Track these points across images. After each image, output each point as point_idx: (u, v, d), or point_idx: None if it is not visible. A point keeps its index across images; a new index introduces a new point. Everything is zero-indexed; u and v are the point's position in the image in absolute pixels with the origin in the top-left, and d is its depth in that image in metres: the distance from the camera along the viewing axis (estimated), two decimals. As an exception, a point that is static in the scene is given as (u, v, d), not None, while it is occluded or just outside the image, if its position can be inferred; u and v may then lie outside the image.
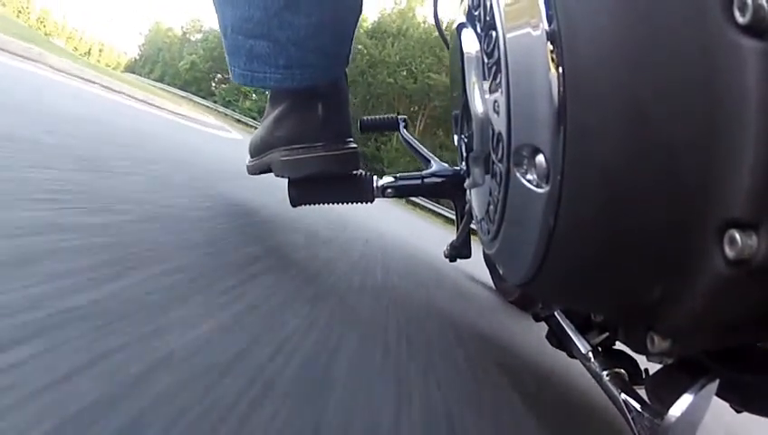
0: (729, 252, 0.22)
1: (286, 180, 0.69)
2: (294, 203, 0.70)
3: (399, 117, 0.98)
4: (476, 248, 0.80)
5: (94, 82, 3.18)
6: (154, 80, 27.77)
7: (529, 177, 0.31)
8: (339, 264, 0.65)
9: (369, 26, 20.52)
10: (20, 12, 48.97)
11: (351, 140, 0.67)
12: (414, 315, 0.56)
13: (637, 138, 0.24)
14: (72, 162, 0.54)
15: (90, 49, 65.92)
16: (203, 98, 21.02)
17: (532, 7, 0.29)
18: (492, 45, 0.35)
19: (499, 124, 0.34)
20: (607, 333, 0.44)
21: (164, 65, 33.72)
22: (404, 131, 0.97)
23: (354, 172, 0.69)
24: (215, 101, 21.57)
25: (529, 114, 0.30)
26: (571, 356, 0.48)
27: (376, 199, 0.71)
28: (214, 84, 28.70)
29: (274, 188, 0.83)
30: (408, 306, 0.60)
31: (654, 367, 0.35)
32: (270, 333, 0.31)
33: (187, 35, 38.11)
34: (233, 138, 3.87)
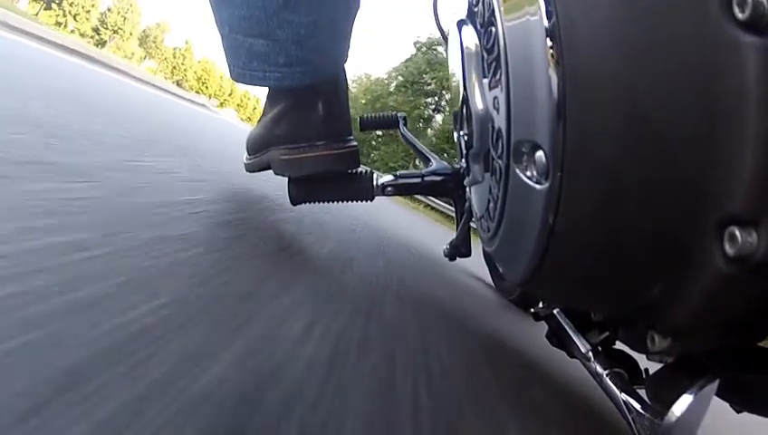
0: (729, 249, 0.22)
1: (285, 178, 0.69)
2: (294, 201, 0.70)
3: (399, 114, 0.98)
4: (476, 248, 0.80)
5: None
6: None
7: (529, 173, 0.30)
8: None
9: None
10: (174, 69, 40.19)
11: (352, 138, 0.67)
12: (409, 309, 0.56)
13: (636, 134, 0.24)
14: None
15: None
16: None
17: (531, 4, 0.28)
18: (491, 42, 0.35)
19: (499, 121, 0.34)
20: (607, 333, 0.44)
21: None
22: (404, 129, 0.97)
23: (354, 170, 0.69)
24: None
25: (528, 111, 0.29)
26: (571, 356, 0.48)
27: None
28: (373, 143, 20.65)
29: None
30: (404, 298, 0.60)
31: (654, 367, 0.35)
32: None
33: (350, 91, 31.83)
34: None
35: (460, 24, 0.41)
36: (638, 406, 0.34)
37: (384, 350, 0.38)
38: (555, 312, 0.51)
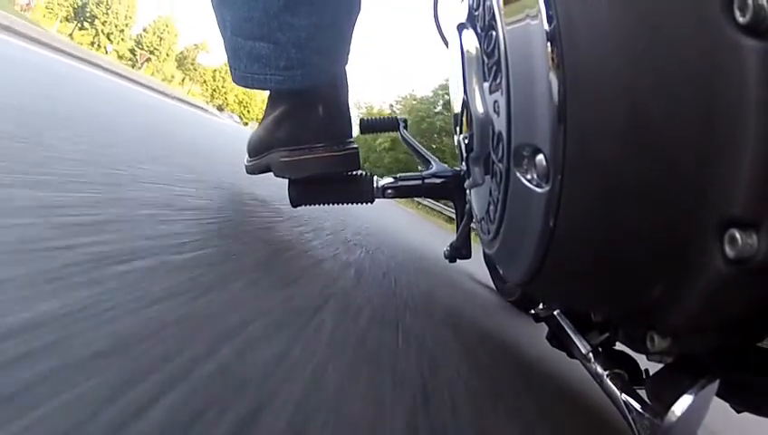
0: (729, 251, 0.22)
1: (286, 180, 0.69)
2: (294, 203, 0.70)
3: (399, 117, 0.99)
4: (476, 249, 0.80)
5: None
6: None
7: (529, 176, 0.31)
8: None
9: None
10: (215, 91, 36.15)
11: (352, 140, 0.67)
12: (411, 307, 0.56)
13: (637, 137, 0.24)
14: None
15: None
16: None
17: (532, 7, 0.29)
18: (492, 46, 0.35)
19: (499, 124, 0.34)
20: (607, 334, 0.44)
21: (368, 150, 22.80)
22: (404, 132, 0.97)
23: (355, 173, 0.69)
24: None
25: (529, 114, 0.30)
26: (572, 357, 0.48)
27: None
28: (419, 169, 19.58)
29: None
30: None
31: (654, 367, 0.35)
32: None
33: (395, 112, 27.73)
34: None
35: (460, 27, 0.41)
36: (638, 406, 0.34)
37: (380, 351, 0.38)
38: (555, 313, 0.51)
